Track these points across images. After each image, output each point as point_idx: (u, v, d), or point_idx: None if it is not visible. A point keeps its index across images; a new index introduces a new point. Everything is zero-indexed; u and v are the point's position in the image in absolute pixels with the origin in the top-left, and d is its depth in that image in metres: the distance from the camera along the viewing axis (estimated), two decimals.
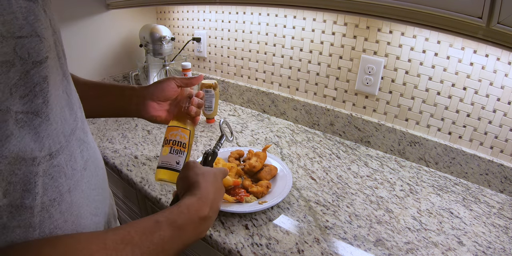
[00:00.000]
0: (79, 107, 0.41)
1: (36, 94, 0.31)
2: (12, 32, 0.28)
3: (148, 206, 0.86)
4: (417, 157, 0.89)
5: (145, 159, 0.88)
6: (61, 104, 0.35)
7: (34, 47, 0.31)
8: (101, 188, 0.44)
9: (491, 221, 0.67)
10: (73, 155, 0.36)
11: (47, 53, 0.33)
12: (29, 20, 0.30)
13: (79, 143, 0.39)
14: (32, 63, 0.30)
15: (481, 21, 0.51)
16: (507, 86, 0.71)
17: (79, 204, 0.37)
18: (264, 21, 1.10)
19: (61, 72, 0.37)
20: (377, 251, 0.58)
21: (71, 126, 0.37)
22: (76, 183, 0.37)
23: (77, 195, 0.37)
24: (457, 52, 0.76)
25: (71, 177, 0.36)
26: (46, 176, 0.32)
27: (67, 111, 0.37)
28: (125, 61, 1.45)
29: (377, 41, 0.87)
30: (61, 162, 0.34)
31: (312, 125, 1.09)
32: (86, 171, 0.39)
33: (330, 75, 1.00)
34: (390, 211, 0.69)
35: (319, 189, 0.76)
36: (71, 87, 0.40)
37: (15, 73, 0.29)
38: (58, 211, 0.33)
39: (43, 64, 0.32)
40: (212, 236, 0.61)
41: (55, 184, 0.33)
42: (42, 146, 0.31)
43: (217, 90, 1.07)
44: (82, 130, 0.40)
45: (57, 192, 0.33)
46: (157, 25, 1.23)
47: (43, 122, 0.32)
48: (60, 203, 0.34)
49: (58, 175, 0.34)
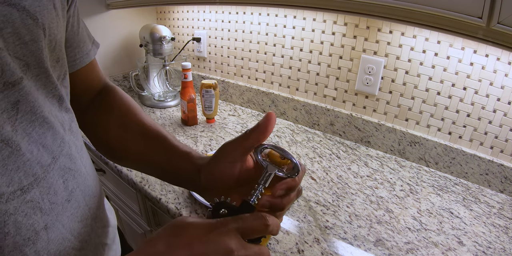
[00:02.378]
0: (68, 129, 0.35)
1: (7, 119, 0.27)
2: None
3: (148, 206, 0.86)
4: (417, 157, 0.89)
5: None
6: (41, 129, 0.31)
7: (8, 64, 0.26)
8: (91, 218, 0.38)
9: (491, 221, 0.67)
10: (52, 187, 0.31)
11: (22, 73, 0.28)
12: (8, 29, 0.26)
13: (63, 172, 0.33)
14: (3, 84, 0.26)
15: (481, 21, 0.51)
16: (507, 86, 0.71)
17: (59, 241, 0.32)
18: (264, 21, 1.10)
19: (44, 93, 0.32)
20: (377, 251, 0.58)
21: (53, 153, 0.32)
22: (55, 218, 0.32)
23: (56, 231, 0.32)
24: (457, 52, 0.76)
25: (48, 212, 0.31)
26: (18, 213, 0.28)
27: (48, 136, 0.31)
28: (125, 61, 1.45)
29: (377, 41, 0.87)
30: (35, 196, 0.29)
31: (312, 125, 1.09)
32: (70, 202, 0.34)
33: (330, 75, 1.00)
34: (390, 211, 0.69)
35: (319, 189, 0.76)
36: (57, 108, 0.34)
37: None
38: (33, 250, 0.29)
39: (16, 87, 0.28)
40: None
41: (29, 222, 0.29)
42: (10, 180, 0.27)
43: (217, 90, 1.07)
44: (69, 156, 0.34)
45: (31, 231, 0.29)
46: (157, 25, 1.23)
47: (12, 153, 0.27)
48: (35, 242, 0.29)
49: (32, 212, 0.29)
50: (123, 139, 0.45)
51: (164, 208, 0.71)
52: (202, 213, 0.67)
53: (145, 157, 0.44)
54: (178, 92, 1.26)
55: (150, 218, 0.90)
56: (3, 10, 0.26)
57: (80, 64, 0.44)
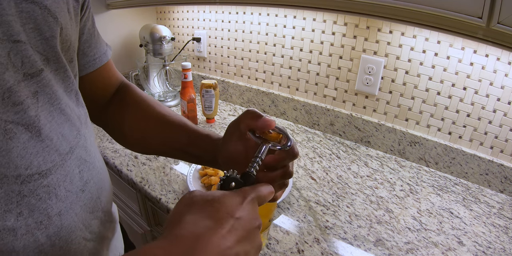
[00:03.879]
0: (84, 123, 0.38)
1: (30, 105, 0.29)
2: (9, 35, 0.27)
3: (148, 206, 0.86)
4: (417, 157, 0.89)
5: (145, 159, 0.88)
6: (59, 120, 0.33)
7: (29, 56, 0.29)
8: (102, 211, 0.40)
9: (491, 221, 0.67)
10: (68, 175, 0.33)
11: (43, 65, 0.31)
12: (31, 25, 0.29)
13: (79, 163, 0.35)
14: (23, 74, 0.29)
15: (481, 21, 0.51)
16: (507, 86, 0.71)
17: (71, 229, 0.33)
18: (264, 21, 1.10)
19: (63, 87, 0.34)
20: (377, 251, 0.58)
21: (71, 143, 0.34)
22: (69, 206, 0.33)
23: (69, 219, 0.33)
24: (457, 52, 0.76)
25: (63, 199, 0.32)
26: (32, 196, 0.29)
27: (66, 127, 0.34)
28: (125, 61, 1.45)
29: (377, 41, 0.87)
30: (53, 182, 0.31)
31: (312, 125, 1.09)
32: (84, 193, 0.36)
33: (330, 75, 1.00)
34: (390, 211, 0.69)
35: (319, 189, 0.76)
36: (74, 102, 0.37)
37: (9, 77, 0.27)
38: (45, 234, 0.30)
39: (36, 78, 0.30)
40: None
41: (43, 206, 0.30)
42: (29, 164, 0.29)
43: (217, 90, 1.07)
44: (84, 148, 0.37)
45: (45, 215, 0.30)
46: (157, 25, 1.23)
47: (32, 138, 0.29)
48: (47, 227, 0.30)
49: (47, 196, 0.30)
50: (147, 130, 0.49)
51: (164, 208, 0.71)
52: None
53: (168, 144, 0.47)
54: (178, 92, 1.26)
55: (150, 218, 0.90)
56: (27, 7, 0.28)
57: (100, 63, 0.46)
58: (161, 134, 0.48)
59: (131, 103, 0.51)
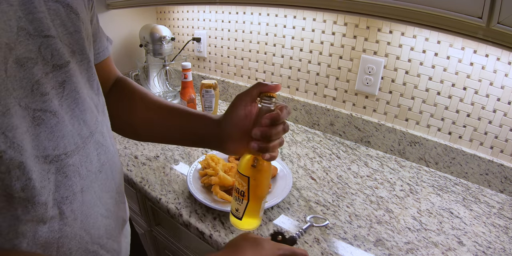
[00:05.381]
0: (101, 111, 0.42)
1: (55, 95, 0.33)
2: (40, 30, 0.30)
3: (148, 206, 0.86)
4: (417, 157, 0.89)
5: (145, 159, 0.88)
6: (82, 107, 0.36)
7: (58, 49, 0.32)
8: (116, 191, 0.44)
9: (491, 221, 0.67)
10: (89, 156, 0.37)
11: (70, 58, 0.34)
12: (58, 21, 0.33)
13: (97, 146, 0.39)
14: (52, 66, 0.32)
15: (481, 21, 0.51)
16: (507, 86, 0.71)
17: (90, 205, 0.38)
18: (264, 21, 1.10)
19: (85, 76, 0.38)
20: (377, 251, 0.58)
21: (91, 129, 0.38)
22: (90, 184, 0.37)
23: (89, 196, 0.37)
24: (457, 52, 0.76)
25: (85, 177, 0.37)
26: (59, 174, 0.33)
27: (87, 114, 0.37)
28: (125, 61, 1.45)
29: (377, 41, 0.87)
30: (76, 162, 0.35)
31: (312, 125, 1.09)
32: (101, 173, 0.40)
33: (330, 75, 1.00)
34: (390, 211, 0.69)
35: (319, 189, 0.76)
36: (94, 92, 0.40)
37: (38, 70, 0.30)
38: (69, 209, 0.34)
39: (63, 69, 0.33)
40: (212, 236, 0.61)
41: (69, 183, 0.34)
42: (56, 145, 0.32)
43: (217, 90, 1.07)
44: (101, 134, 0.40)
45: (70, 191, 0.34)
46: (157, 25, 1.23)
47: (58, 123, 0.33)
48: (72, 202, 0.35)
49: (72, 174, 0.35)
50: (148, 117, 0.52)
51: (164, 208, 0.71)
52: (202, 213, 0.67)
53: (167, 127, 0.51)
54: (178, 92, 1.26)
55: (150, 218, 0.90)
56: (53, 5, 0.32)
57: (102, 57, 0.50)
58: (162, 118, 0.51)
59: (131, 94, 0.54)
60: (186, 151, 0.93)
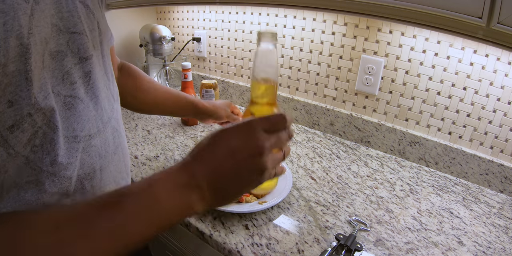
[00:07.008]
0: (116, 100, 0.47)
1: (82, 84, 0.37)
2: (68, 27, 0.34)
3: None
4: (417, 157, 0.89)
5: (145, 159, 0.88)
6: (102, 95, 0.41)
7: (83, 44, 0.37)
8: (125, 173, 0.49)
9: (491, 221, 0.67)
10: (107, 139, 0.42)
11: (92, 51, 0.39)
12: (82, 19, 0.37)
13: (113, 130, 0.44)
14: (79, 58, 0.36)
15: (481, 21, 0.51)
16: (507, 86, 0.71)
17: (106, 182, 0.42)
18: (264, 21, 1.10)
19: (103, 69, 0.43)
20: (377, 251, 0.58)
21: (108, 115, 0.43)
22: (107, 164, 0.42)
23: (106, 174, 0.42)
24: (457, 52, 0.76)
25: (104, 157, 0.41)
26: (84, 153, 0.37)
27: (106, 102, 0.42)
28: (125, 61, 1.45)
29: (377, 41, 0.87)
30: (97, 143, 0.39)
31: (312, 125, 1.09)
32: (116, 155, 0.45)
33: (330, 75, 1.00)
34: (390, 211, 0.69)
35: (319, 189, 0.76)
36: (110, 83, 0.45)
37: (67, 62, 0.35)
38: (90, 184, 0.39)
39: (88, 61, 0.38)
40: (212, 236, 0.61)
41: (91, 161, 0.39)
42: (83, 127, 0.37)
43: (217, 90, 1.07)
44: (116, 120, 0.46)
45: (91, 168, 0.39)
46: (157, 25, 1.23)
47: (85, 108, 0.37)
48: (92, 178, 0.39)
49: (94, 154, 0.39)
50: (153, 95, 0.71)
51: None
52: None
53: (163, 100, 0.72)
54: None
55: None
56: (79, 5, 0.36)
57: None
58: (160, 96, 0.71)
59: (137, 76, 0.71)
60: (186, 151, 0.93)
